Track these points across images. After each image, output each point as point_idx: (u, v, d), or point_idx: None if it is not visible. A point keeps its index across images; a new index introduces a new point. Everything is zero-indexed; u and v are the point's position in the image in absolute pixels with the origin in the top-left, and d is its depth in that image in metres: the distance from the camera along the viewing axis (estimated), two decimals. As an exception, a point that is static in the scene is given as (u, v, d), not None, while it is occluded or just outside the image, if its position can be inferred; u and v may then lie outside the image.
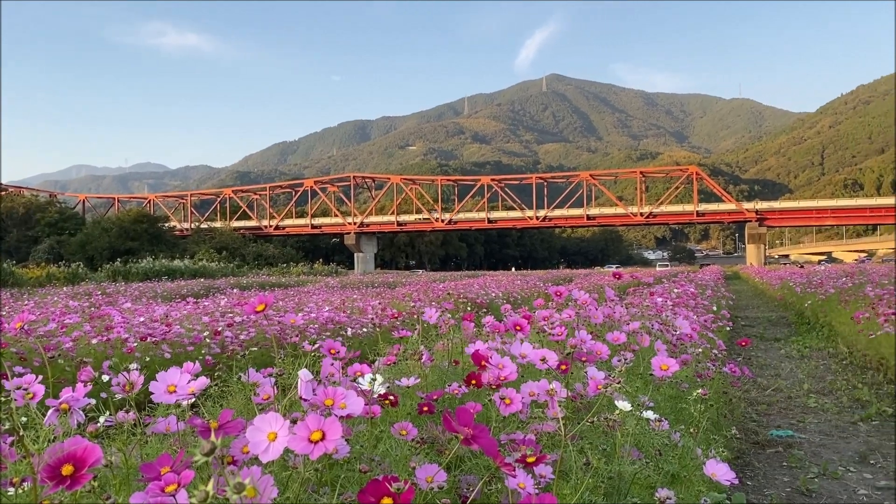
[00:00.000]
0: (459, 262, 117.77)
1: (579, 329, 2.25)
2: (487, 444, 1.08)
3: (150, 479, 0.93)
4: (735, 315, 14.46)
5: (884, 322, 6.37)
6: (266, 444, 1.04)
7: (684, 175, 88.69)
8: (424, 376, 2.01)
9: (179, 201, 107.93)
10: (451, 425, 1.08)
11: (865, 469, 4.08)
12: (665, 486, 1.59)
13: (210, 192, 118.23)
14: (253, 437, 1.06)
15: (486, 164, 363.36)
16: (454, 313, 8.64)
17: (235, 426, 1.15)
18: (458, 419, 1.09)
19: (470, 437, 1.06)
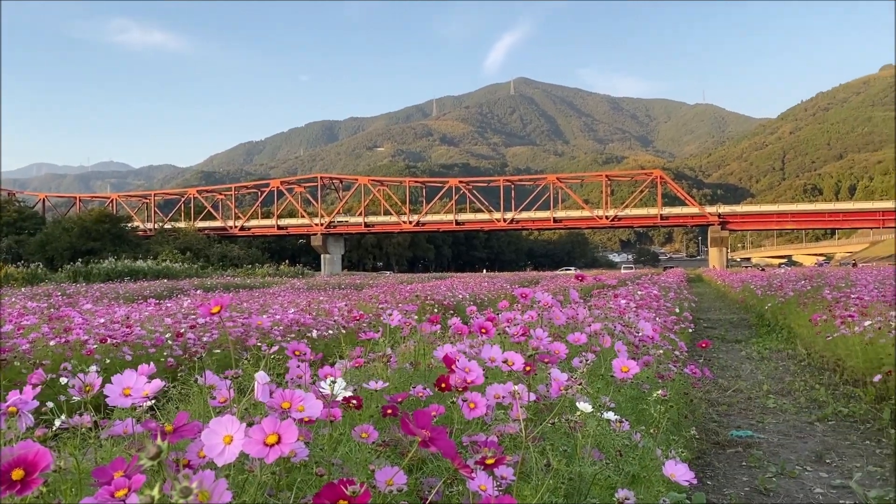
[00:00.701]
0: (427, 264, 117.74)
1: (536, 329, 2.26)
2: (445, 446, 1.07)
3: (102, 484, 0.91)
4: (697, 317, 14.69)
5: (840, 324, 6.52)
6: (221, 448, 1.03)
7: (649, 179, 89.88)
8: (388, 379, 2.01)
9: (143, 201, 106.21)
10: (409, 428, 1.07)
11: (822, 468, 4.17)
12: (625, 486, 1.61)
13: (174, 191, 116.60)
14: (208, 440, 1.04)
15: (455, 167, 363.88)
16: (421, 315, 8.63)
17: (191, 429, 1.13)
18: (417, 422, 1.08)
19: (428, 440, 1.06)
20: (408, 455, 1.46)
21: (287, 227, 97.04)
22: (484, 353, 1.75)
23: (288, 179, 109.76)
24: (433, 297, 12.63)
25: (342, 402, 1.58)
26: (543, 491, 1.35)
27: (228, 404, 1.41)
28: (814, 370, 7.68)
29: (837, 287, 10.75)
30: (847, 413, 5.53)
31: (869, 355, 5.79)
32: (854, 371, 6.30)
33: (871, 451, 4.51)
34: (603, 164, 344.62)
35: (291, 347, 1.70)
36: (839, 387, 6.58)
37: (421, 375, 2.08)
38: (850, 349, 6.27)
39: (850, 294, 8.68)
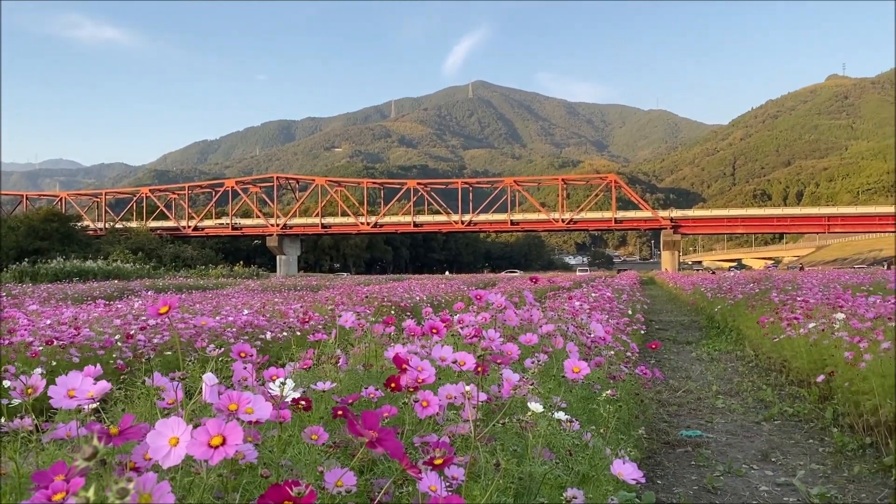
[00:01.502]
0: (385, 266, 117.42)
1: (489, 330, 2.28)
2: (393, 446, 1.08)
3: (40, 488, 0.89)
4: (650, 319, 14.94)
5: (786, 326, 6.70)
6: (167, 450, 1.01)
7: (604, 183, 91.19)
8: (340, 380, 2.00)
9: (93, 200, 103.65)
10: (357, 429, 1.07)
11: (767, 467, 4.28)
12: (575, 485, 1.63)
13: (126, 190, 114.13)
14: (154, 442, 1.03)
15: (413, 168, 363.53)
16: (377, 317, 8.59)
17: (137, 432, 1.11)
18: (364, 423, 1.08)
19: (375, 441, 1.06)
20: (357, 456, 1.46)
21: (242, 227, 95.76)
22: (435, 353, 1.76)
23: (243, 179, 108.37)
24: (390, 298, 12.61)
25: (291, 404, 1.57)
26: (493, 490, 1.36)
27: (176, 406, 1.39)
28: (761, 371, 7.88)
29: (784, 290, 11.05)
30: (792, 413, 5.69)
31: (813, 356, 5.96)
32: (799, 372, 6.49)
33: (815, 450, 4.65)
34: (559, 168, 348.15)
35: (237, 349, 1.68)
36: (785, 387, 6.77)
37: (373, 377, 2.08)
38: (795, 351, 6.45)
39: (796, 297, 8.92)
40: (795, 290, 10.87)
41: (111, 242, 67.73)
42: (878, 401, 4.34)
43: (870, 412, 4.51)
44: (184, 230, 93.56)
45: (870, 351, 4.64)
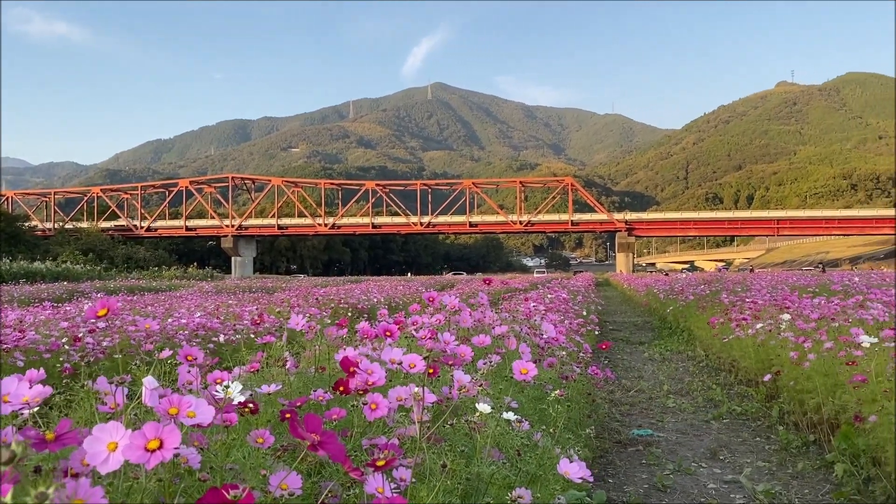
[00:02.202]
0: (343, 268, 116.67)
1: (443, 332, 2.28)
2: (335, 449, 1.07)
3: (-30, 497, 0.86)
4: (604, 320, 15.14)
5: (735, 327, 6.85)
6: (106, 455, 0.99)
7: (561, 186, 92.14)
8: (289, 383, 1.98)
9: (42, 199, 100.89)
10: (298, 432, 1.07)
11: (715, 465, 4.38)
12: (523, 485, 1.64)
13: (76, 190, 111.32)
14: (91, 447, 1.00)
15: (372, 169, 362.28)
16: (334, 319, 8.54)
17: (74, 437, 1.08)
18: (307, 426, 1.08)
19: (317, 444, 1.05)
20: (306, 459, 1.45)
21: (196, 228, 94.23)
22: (385, 355, 1.76)
23: (198, 179, 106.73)
24: (347, 300, 12.54)
25: (238, 407, 1.55)
26: (439, 491, 1.37)
27: (118, 411, 1.36)
28: (711, 371, 8.05)
29: (734, 291, 11.30)
30: (740, 411, 5.83)
31: (760, 356, 6.11)
32: (747, 371, 6.64)
33: (761, 448, 4.77)
34: (517, 171, 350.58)
35: (183, 352, 1.65)
36: (734, 386, 6.92)
37: (324, 380, 2.07)
38: (743, 351, 6.61)
39: (745, 298, 9.13)
40: (745, 291, 11.13)
41: (60, 243, 66.01)
42: (821, 399, 4.47)
43: (813, 410, 4.64)
44: (136, 231, 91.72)
45: (814, 351, 4.78)
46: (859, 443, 3.86)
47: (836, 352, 4.47)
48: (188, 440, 1.35)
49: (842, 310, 5.98)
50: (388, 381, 1.85)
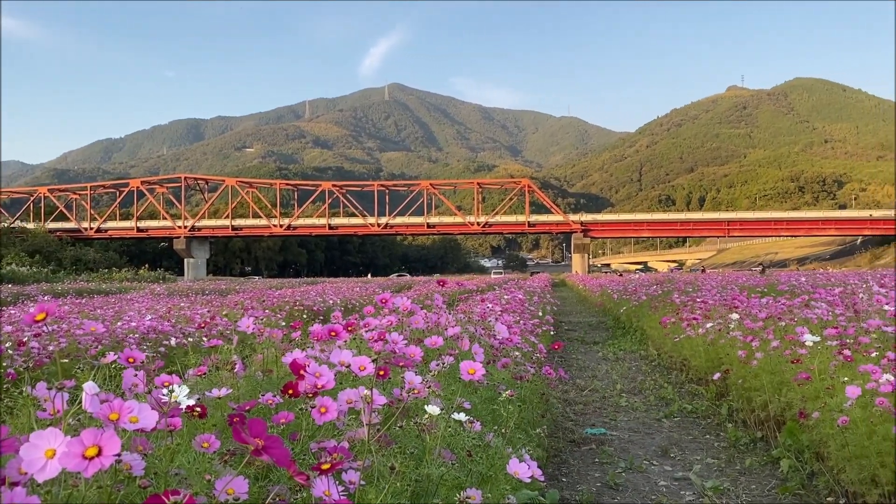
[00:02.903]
0: (299, 269, 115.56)
1: (392, 333, 2.28)
2: (280, 454, 1.06)
3: None
4: (559, 320, 15.29)
5: (686, 326, 6.99)
6: (43, 463, 0.97)
7: (518, 187, 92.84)
8: (238, 387, 1.96)
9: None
10: (242, 437, 1.05)
11: (666, 462, 4.45)
12: (474, 486, 1.65)
13: (22, 190, 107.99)
14: (28, 454, 0.98)
15: (328, 170, 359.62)
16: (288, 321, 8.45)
17: (10, 444, 1.05)
18: (251, 430, 1.06)
19: (261, 448, 1.04)
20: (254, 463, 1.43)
21: (148, 229, 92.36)
22: (333, 357, 1.74)
23: (149, 179, 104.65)
24: (302, 302, 12.41)
25: (186, 412, 1.53)
26: (387, 493, 1.36)
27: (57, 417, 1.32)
28: (663, 370, 8.20)
29: (685, 292, 11.52)
30: (691, 409, 5.94)
31: (710, 355, 6.24)
32: (698, 370, 6.77)
33: (711, 445, 4.87)
34: (475, 172, 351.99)
35: (125, 355, 1.62)
36: (685, 385, 7.06)
37: (272, 383, 2.05)
38: (694, 350, 6.74)
39: (695, 298, 9.31)
40: (695, 291, 11.36)
41: (5, 245, 63.89)
42: (768, 397, 4.58)
43: (760, 407, 4.76)
44: (85, 232, 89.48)
45: (761, 349, 4.90)
46: (803, 439, 3.97)
47: (782, 350, 4.59)
48: (132, 446, 1.32)
49: (788, 309, 6.14)
50: (339, 383, 1.84)
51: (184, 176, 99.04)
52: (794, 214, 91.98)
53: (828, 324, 5.02)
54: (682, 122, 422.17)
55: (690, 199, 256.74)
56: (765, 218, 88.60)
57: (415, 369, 2.13)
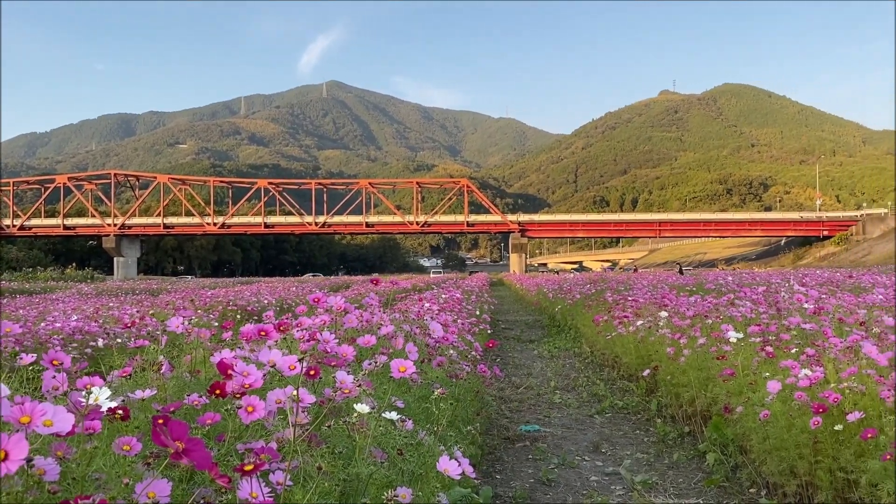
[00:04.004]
0: (233, 268, 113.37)
1: (323, 332, 2.26)
2: (200, 456, 1.04)
3: None
4: (496, 319, 15.42)
5: (618, 324, 7.14)
6: (-54, 470, 0.92)
7: (457, 187, 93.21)
8: (164, 388, 1.91)
9: None
10: (161, 439, 1.03)
11: (598, 457, 4.55)
12: (404, 484, 1.65)
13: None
14: (-70, 462, 0.93)
15: (264, 167, 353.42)
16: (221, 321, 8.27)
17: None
18: (171, 432, 1.04)
19: (181, 451, 1.02)
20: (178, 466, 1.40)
21: (75, 227, 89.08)
22: (262, 356, 1.72)
23: (77, 175, 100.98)
24: (236, 302, 12.18)
25: (107, 414, 1.48)
26: (313, 494, 1.35)
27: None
28: (596, 367, 8.36)
29: (618, 290, 11.76)
30: (622, 405, 6.08)
31: (640, 352, 6.39)
32: (628, 367, 6.93)
33: (640, 440, 5.00)
34: (414, 172, 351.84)
35: (49, 357, 1.56)
36: (616, 381, 7.22)
37: (200, 384, 2.00)
38: (625, 347, 6.89)
39: (627, 297, 9.52)
40: (627, 290, 11.61)
41: (-83, 242, 60.69)
42: (695, 392, 4.72)
43: (688, 403, 4.90)
44: (8, 230, 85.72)
45: (688, 346, 5.04)
46: (728, 433, 4.11)
47: (709, 347, 4.73)
48: (49, 450, 1.28)
49: (714, 307, 6.34)
50: (269, 383, 1.81)
51: (114, 172, 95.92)
52: (722, 216, 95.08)
53: (751, 321, 5.20)
54: (616, 125, 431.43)
55: (624, 200, 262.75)
56: (694, 219, 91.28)
57: (347, 368, 2.12)
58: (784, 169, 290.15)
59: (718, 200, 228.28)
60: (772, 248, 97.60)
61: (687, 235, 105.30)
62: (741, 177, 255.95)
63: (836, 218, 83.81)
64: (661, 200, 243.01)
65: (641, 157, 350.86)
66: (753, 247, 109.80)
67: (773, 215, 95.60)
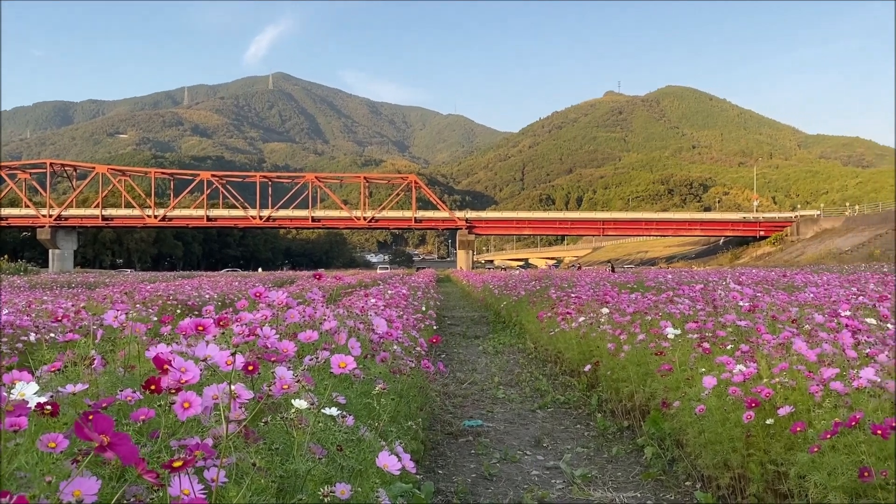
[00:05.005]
0: (175, 262, 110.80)
1: (263, 328, 2.23)
2: (126, 451, 1.01)
3: None
4: (442, 315, 15.47)
5: (561, 321, 7.24)
6: None
7: (405, 183, 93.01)
8: (97, 383, 1.85)
9: None
10: (85, 433, 1.00)
11: (539, 452, 4.61)
12: (344, 480, 1.64)
13: None
14: None
15: (208, 159, 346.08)
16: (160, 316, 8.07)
17: None
18: (96, 426, 1.01)
19: (105, 445, 0.99)
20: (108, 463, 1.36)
21: (7, 217, 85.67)
22: (199, 351, 1.69)
23: (10, 164, 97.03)
24: (176, 297, 11.91)
25: (35, 410, 1.43)
26: (246, 490, 1.33)
27: None
28: (539, 362, 8.47)
29: (561, 287, 11.92)
30: (564, 400, 6.17)
31: (582, 348, 6.50)
32: (571, 362, 7.04)
33: (581, 434, 5.08)
34: (362, 167, 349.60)
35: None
36: (559, 377, 7.32)
37: (135, 379, 1.95)
38: (568, 343, 6.99)
39: (570, 294, 9.66)
40: (571, 287, 11.78)
41: None
42: (634, 387, 4.82)
43: (627, 398, 5.00)
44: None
45: (628, 342, 5.15)
46: (665, 427, 4.20)
47: (648, 343, 4.84)
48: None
49: (654, 304, 6.49)
50: (207, 379, 1.78)
51: (49, 161, 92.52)
52: (664, 215, 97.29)
53: (689, 318, 5.34)
54: (562, 124, 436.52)
55: (569, 199, 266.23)
56: (637, 218, 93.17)
57: (288, 364, 2.10)
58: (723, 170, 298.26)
59: (660, 200, 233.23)
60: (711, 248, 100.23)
61: (630, 234, 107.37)
62: (682, 177, 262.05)
63: (771, 219, 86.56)
64: (605, 200, 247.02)
65: (586, 157, 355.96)
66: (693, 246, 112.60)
67: (712, 215, 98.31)
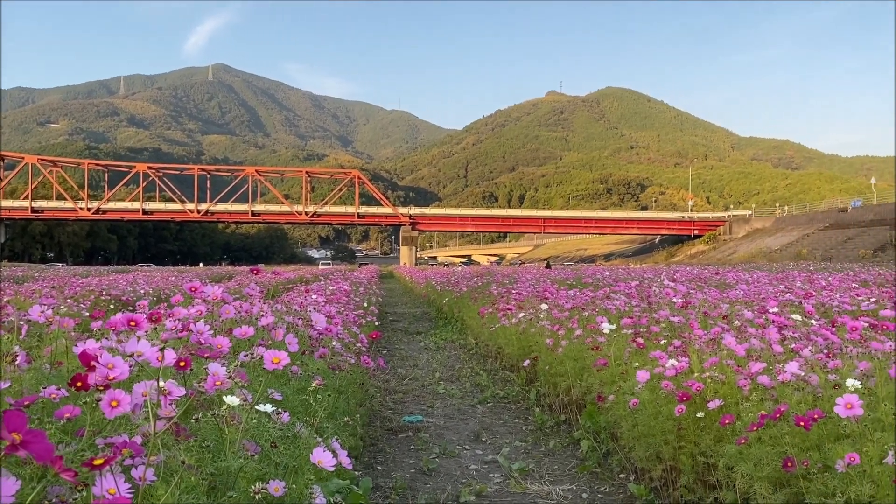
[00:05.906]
0: (109, 256, 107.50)
1: (197, 323, 2.19)
2: (41, 449, 0.98)
3: None
4: (385, 311, 15.43)
5: (502, 316, 7.31)
6: None
7: (348, 178, 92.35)
8: (20, 381, 1.79)
9: None
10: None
11: (478, 446, 4.64)
12: (278, 478, 1.63)
13: None
14: None
15: (144, 151, 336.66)
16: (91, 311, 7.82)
17: None
18: (7, 424, 0.98)
19: (18, 443, 0.96)
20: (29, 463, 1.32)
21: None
22: (128, 347, 1.64)
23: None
24: (110, 292, 11.57)
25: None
26: (175, 489, 1.31)
27: None
28: (480, 358, 8.53)
29: (503, 284, 12.03)
30: (503, 395, 6.24)
31: (522, 343, 6.58)
32: (510, 357, 7.12)
33: (519, 428, 5.14)
34: (304, 161, 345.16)
35: None
36: (499, 372, 7.39)
37: (61, 376, 1.89)
38: (508, 338, 7.07)
39: (511, 290, 9.77)
40: (512, 283, 11.90)
41: None
42: (571, 382, 4.90)
43: (565, 392, 5.08)
44: None
45: (566, 338, 5.23)
46: (601, 421, 4.29)
47: (585, 338, 4.93)
48: None
49: (591, 301, 6.61)
50: (137, 376, 1.74)
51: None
52: (602, 214, 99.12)
53: (625, 314, 5.46)
54: (505, 122, 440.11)
55: (511, 196, 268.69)
56: (576, 216, 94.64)
57: (222, 360, 2.06)
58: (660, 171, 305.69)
59: (599, 199, 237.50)
60: (647, 246, 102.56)
61: (570, 232, 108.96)
62: (621, 177, 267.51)
63: (705, 218, 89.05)
64: (546, 198, 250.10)
65: (529, 156, 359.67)
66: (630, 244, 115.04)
67: (648, 214, 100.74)
